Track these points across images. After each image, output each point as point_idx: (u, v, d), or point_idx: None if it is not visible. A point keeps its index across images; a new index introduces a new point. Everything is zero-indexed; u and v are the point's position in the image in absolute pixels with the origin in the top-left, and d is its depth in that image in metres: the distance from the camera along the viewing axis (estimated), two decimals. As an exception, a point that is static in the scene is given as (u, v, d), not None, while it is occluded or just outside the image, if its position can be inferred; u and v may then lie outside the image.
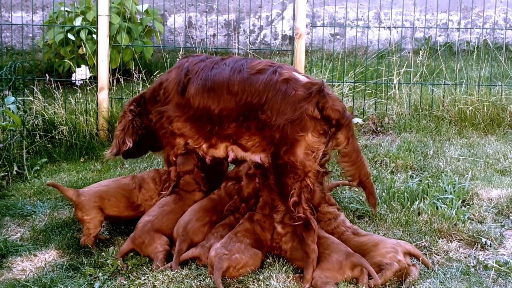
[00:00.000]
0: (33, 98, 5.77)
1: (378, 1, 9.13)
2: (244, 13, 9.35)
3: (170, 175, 3.95)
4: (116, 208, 3.91)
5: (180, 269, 3.45)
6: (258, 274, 3.42)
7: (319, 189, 3.76)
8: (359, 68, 7.15)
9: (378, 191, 4.46)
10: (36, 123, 5.55)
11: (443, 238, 3.86)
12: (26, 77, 6.29)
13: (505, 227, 4.09)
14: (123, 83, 6.15)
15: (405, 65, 6.67)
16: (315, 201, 3.70)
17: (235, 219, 3.71)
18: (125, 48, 7.07)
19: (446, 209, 4.14)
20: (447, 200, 4.31)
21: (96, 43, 5.90)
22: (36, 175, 4.94)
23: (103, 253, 3.67)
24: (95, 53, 6.25)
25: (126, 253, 3.63)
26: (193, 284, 3.32)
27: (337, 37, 9.62)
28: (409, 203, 4.28)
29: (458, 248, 3.77)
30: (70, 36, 6.87)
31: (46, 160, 5.23)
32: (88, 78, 6.04)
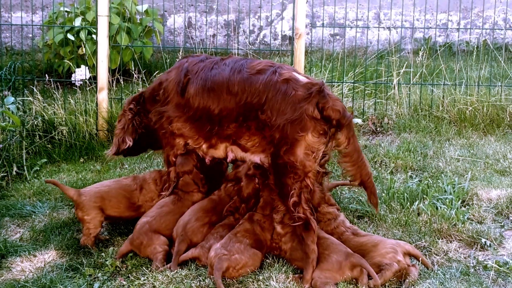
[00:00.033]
0: (33, 99, 5.76)
1: (378, 2, 9.14)
2: (243, 13, 9.34)
3: (169, 176, 3.94)
4: (116, 208, 3.90)
5: (180, 269, 3.45)
6: (258, 274, 3.41)
7: (319, 190, 3.76)
8: (359, 68, 7.15)
9: (378, 192, 4.45)
10: (36, 123, 5.55)
11: (442, 239, 3.86)
12: (26, 77, 6.28)
13: (505, 227, 4.08)
14: (122, 83, 6.15)
15: (405, 65, 6.67)
16: (314, 201, 3.69)
17: (235, 220, 3.70)
18: (124, 48, 7.07)
19: (445, 210, 4.14)
20: (447, 200, 4.31)
21: (96, 43, 5.89)
22: (35, 175, 4.94)
23: (102, 254, 3.67)
24: (94, 53, 6.25)
25: (124, 255, 3.63)
26: (192, 285, 3.32)
27: (337, 37, 9.62)
28: (408, 203, 4.28)
29: (458, 249, 3.77)
30: (70, 36, 6.87)
31: (45, 160, 5.23)
32: (87, 78, 6.03)
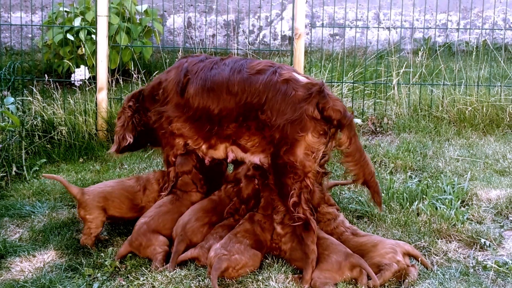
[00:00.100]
0: (32, 99, 5.76)
1: (378, 2, 9.13)
2: (243, 13, 9.34)
3: (169, 176, 3.94)
4: (119, 209, 3.90)
5: (179, 269, 3.45)
6: (257, 274, 3.41)
7: (319, 190, 3.76)
8: (358, 68, 7.15)
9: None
10: (35, 123, 5.54)
11: (442, 239, 3.86)
12: (25, 77, 6.28)
13: (504, 227, 4.08)
14: (122, 83, 6.15)
15: (404, 65, 6.67)
16: (314, 201, 3.69)
17: (234, 220, 3.70)
18: (124, 48, 7.06)
19: (445, 210, 4.14)
20: (446, 200, 4.31)
21: (95, 43, 5.89)
22: (35, 175, 4.94)
23: (102, 254, 3.67)
24: (94, 53, 6.25)
25: (123, 256, 3.62)
26: (192, 285, 3.32)
27: (337, 37, 9.62)
28: (408, 203, 4.28)
29: (457, 249, 3.77)
30: (69, 36, 6.87)
31: (45, 160, 5.22)
32: (87, 78, 6.03)
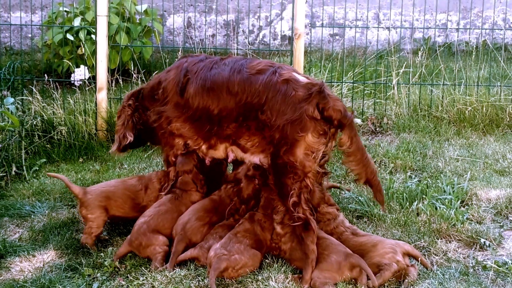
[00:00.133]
0: (32, 99, 5.76)
1: (377, 2, 9.13)
2: (243, 13, 9.34)
3: (169, 176, 3.94)
4: (121, 209, 3.90)
5: (179, 269, 3.45)
6: (257, 274, 3.41)
7: (319, 190, 3.76)
8: (358, 68, 7.15)
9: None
10: (35, 123, 5.54)
11: (442, 239, 3.86)
12: (25, 77, 6.28)
13: (504, 227, 4.08)
14: (122, 83, 6.15)
15: (404, 65, 6.66)
16: (314, 201, 3.69)
17: (234, 220, 3.70)
18: (124, 48, 7.06)
19: (445, 210, 4.14)
20: (446, 200, 4.31)
21: (95, 43, 5.89)
22: (34, 175, 4.94)
23: (101, 254, 3.67)
24: (94, 53, 6.25)
25: (123, 256, 3.62)
26: (191, 285, 3.32)
27: (336, 37, 9.62)
28: (408, 203, 4.28)
29: (457, 249, 3.77)
30: (69, 36, 6.87)
31: (45, 160, 5.22)
32: (87, 78, 6.03)
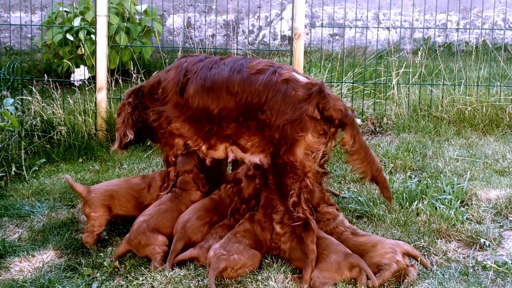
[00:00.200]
0: (32, 99, 5.76)
1: (377, 2, 9.13)
2: (243, 13, 9.34)
3: (169, 175, 3.94)
4: (124, 208, 3.91)
5: (179, 269, 3.44)
6: (257, 274, 3.41)
7: (318, 190, 3.76)
8: (358, 68, 7.15)
9: (377, 192, 4.46)
10: (35, 123, 5.54)
11: (441, 239, 3.86)
12: (25, 77, 6.28)
13: (504, 227, 4.08)
14: (121, 83, 6.15)
15: (404, 65, 6.66)
16: (314, 201, 3.69)
17: (234, 220, 3.70)
18: (123, 48, 7.06)
19: (444, 210, 4.14)
20: (446, 200, 4.30)
21: (95, 43, 5.89)
22: (34, 175, 4.93)
23: (101, 254, 3.66)
24: (93, 53, 6.24)
25: (121, 255, 3.61)
26: (191, 285, 3.32)
27: (336, 37, 9.62)
28: (407, 203, 4.28)
29: (457, 249, 3.76)
30: (69, 36, 6.87)
31: (44, 160, 5.22)
32: (86, 78, 6.02)
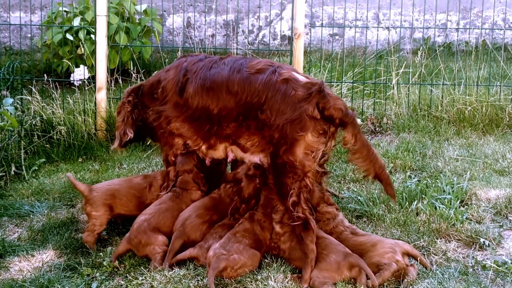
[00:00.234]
0: (31, 98, 5.76)
1: (377, 2, 9.13)
2: (243, 13, 9.34)
3: (169, 175, 3.94)
4: (126, 207, 3.91)
5: (178, 269, 3.44)
6: (256, 274, 3.41)
7: (318, 189, 3.76)
8: (358, 68, 7.15)
9: (376, 192, 4.46)
10: (34, 123, 5.54)
11: (441, 238, 3.86)
12: (25, 77, 6.28)
13: (504, 227, 4.08)
14: (121, 83, 6.14)
15: (404, 65, 6.66)
16: (314, 201, 3.69)
17: (234, 220, 3.70)
18: (123, 48, 7.06)
19: (444, 209, 4.13)
20: (446, 200, 4.30)
21: (95, 43, 5.89)
22: (34, 175, 4.93)
23: (100, 253, 3.66)
24: (93, 53, 6.24)
25: (121, 254, 3.61)
26: (190, 284, 3.31)
27: (336, 37, 9.61)
28: (407, 203, 4.27)
29: (456, 248, 3.76)
30: (69, 36, 6.86)
31: (44, 160, 5.22)
32: (86, 78, 6.03)
